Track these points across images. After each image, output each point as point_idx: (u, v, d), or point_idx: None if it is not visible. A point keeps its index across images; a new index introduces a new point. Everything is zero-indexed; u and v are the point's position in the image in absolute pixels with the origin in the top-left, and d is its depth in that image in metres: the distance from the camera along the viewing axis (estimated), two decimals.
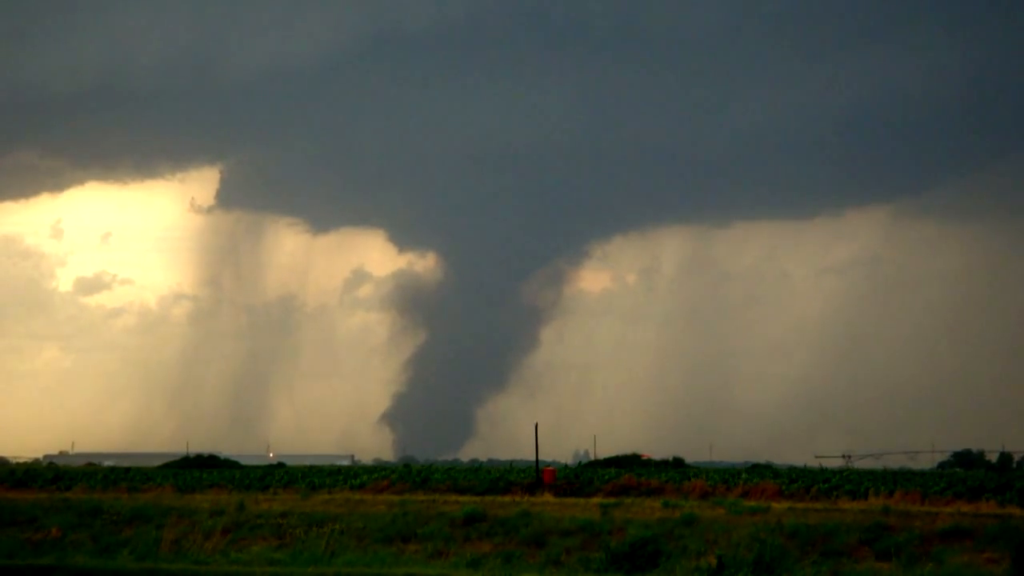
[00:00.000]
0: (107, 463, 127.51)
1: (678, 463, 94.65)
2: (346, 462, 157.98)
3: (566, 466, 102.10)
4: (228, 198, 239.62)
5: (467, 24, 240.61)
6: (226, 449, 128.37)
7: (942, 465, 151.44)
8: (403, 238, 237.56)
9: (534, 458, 69.56)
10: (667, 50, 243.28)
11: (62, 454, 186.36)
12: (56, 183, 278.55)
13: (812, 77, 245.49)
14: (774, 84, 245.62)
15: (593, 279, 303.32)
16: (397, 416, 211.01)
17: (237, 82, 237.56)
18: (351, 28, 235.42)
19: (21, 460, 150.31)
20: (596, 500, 54.52)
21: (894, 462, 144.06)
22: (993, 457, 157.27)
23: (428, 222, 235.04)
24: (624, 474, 65.96)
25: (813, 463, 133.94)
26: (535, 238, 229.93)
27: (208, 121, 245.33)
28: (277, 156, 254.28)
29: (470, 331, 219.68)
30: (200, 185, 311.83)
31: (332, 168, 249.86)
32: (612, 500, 54.18)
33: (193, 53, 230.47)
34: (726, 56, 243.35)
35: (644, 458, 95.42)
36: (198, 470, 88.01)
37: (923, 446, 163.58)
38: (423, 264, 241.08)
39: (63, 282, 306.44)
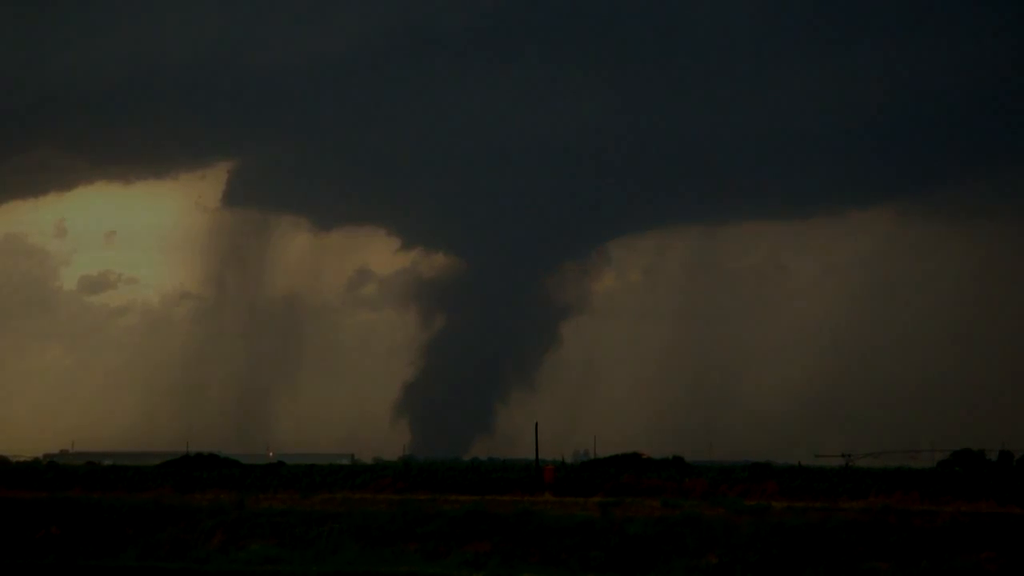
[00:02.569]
0: (107, 462, 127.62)
1: (678, 462, 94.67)
2: (346, 461, 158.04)
3: (567, 465, 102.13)
4: (234, 197, 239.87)
5: (475, 25, 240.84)
6: (226, 449, 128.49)
7: (942, 464, 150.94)
8: (409, 236, 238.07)
9: (534, 457, 69.58)
10: (673, 52, 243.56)
11: (62, 453, 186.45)
12: (64, 181, 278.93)
13: (817, 77, 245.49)
14: (778, 84, 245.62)
15: (596, 279, 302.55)
16: (401, 417, 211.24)
17: (242, 82, 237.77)
18: (364, 27, 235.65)
19: (21, 459, 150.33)
20: (596, 499, 54.43)
21: (894, 462, 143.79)
22: (993, 456, 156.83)
23: (434, 220, 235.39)
24: (624, 473, 65.91)
25: (813, 463, 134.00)
26: (539, 238, 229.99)
27: (215, 121, 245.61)
28: (285, 155, 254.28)
29: (472, 332, 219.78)
30: (206, 184, 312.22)
31: (340, 166, 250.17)
32: (612, 499, 54.10)
33: (205, 53, 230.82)
34: (730, 58, 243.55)
35: (644, 457, 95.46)
36: (198, 469, 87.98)
37: (923, 446, 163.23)
38: (428, 263, 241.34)
39: (67, 281, 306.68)
